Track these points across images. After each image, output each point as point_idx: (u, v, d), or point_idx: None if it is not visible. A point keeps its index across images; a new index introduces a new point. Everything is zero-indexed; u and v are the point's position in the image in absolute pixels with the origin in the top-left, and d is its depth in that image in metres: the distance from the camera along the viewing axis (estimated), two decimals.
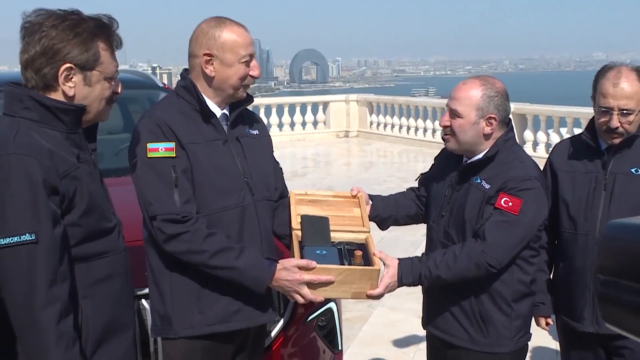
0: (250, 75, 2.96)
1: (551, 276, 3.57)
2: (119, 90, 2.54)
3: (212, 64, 2.91)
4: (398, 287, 3.00)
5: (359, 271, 2.85)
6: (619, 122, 3.09)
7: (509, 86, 3.18)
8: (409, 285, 3.00)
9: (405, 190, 3.55)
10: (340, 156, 17.13)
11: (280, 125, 19.67)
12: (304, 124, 20.10)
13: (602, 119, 3.15)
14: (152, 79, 6.17)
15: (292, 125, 19.90)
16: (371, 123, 20.07)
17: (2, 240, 2.15)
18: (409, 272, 2.96)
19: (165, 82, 2.68)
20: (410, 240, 7.30)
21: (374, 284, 2.87)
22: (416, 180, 3.52)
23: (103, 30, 2.41)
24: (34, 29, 2.31)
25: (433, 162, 3.43)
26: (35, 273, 2.16)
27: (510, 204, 2.91)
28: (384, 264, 2.96)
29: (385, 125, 19.60)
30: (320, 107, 20.48)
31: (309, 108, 20.39)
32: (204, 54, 2.90)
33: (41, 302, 2.16)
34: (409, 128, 18.70)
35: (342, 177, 13.87)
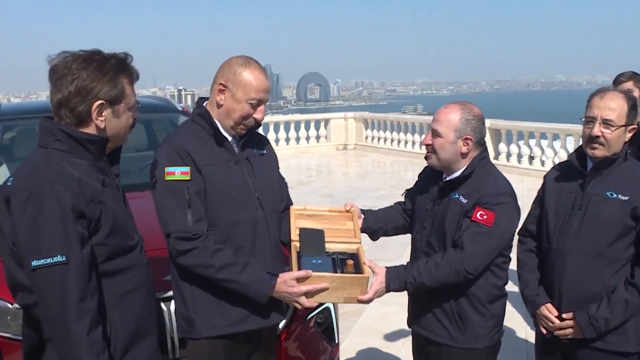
0: (254, 118, 2.92)
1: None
2: (138, 117, 2.50)
3: (224, 93, 2.89)
4: (386, 292, 2.97)
5: (350, 279, 2.81)
6: (600, 131, 2.97)
7: (485, 103, 3.13)
8: (395, 291, 2.97)
9: (393, 204, 3.52)
10: (339, 167, 17.03)
11: (288, 140, 19.62)
12: (308, 138, 20.04)
13: (586, 129, 3.04)
14: (172, 103, 6.19)
15: (298, 139, 19.84)
16: (367, 137, 20.01)
17: (37, 261, 2.12)
18: (395, 279, 2.94)
19: (190, 102, 2.65)
20: (400, 241, 7.23)
21: (364, 290, 2.83)
22: (402, 195, 3.48)
23: (125, 66, 2.38)
24: (64, 72, 2.27)
25: (417, 178, 3.38)
26: (67, 290, 2.13)
27: (485, 216, 2.89)
28: (373, 272, 2.93)
29: (379, 139, 19.53)
30: (322, 124, 20.43)
31: (312, 124, 20.35)
32: (220, 83, 2.89)
33: (73, 315, 2.13)
34: (399, 141, 18.64)
35: (341, 185, 13.81)
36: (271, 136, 19.14)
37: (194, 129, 2.96)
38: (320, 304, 3.83)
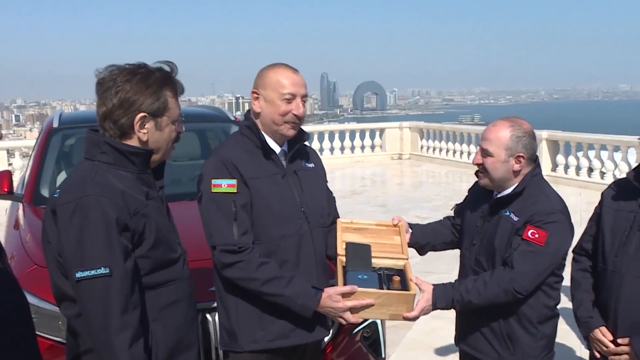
0: (293, 114, 2.87)
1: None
2: (182, 130, 2.51)
3: (259, 100, 2.90)
4: (432, 310, 2.90)
5: (396, 295, 2.76)
6: None
7: (544, 114, 3.02)
8: (442, 309, 2.90)
9: (442, 219, 3.46)
10: (394, 176, 16.91)
11: (342, 149, 19.63)
12: (362, 147, 20.00)
13: None
14: (224, 113, 6.24)
15: (353, 148, 19.81)
16: (422, 147, 19.86)
17: (81, 273, 2.14)
18: (443, 297, 2.87)
19: (247, 108, 2.71)
20: (452, 254, 7.12)
21: (410, 307, 2.78)
22: (452, 210, 3.41)
23: (168, 79, 2.39)
24: (109, 85, 2.30)
25: (467, 194, 3.29)
26: (109, 302, 2.14)
27: (536, 235, 2.80)
28: (420, 289, 2.87)
29: (434, 149, 19.36)
30: (377, 133, 20.39)
31: (367, 133, 20.29)
32: (253, 92, 2.92)
33: (115, 328, 2.14)
34: (454, 152, 18.46)
35: (395, 195, 13.70)
36: (326, 145, 19.17)
37: (241, 141, 2.95)
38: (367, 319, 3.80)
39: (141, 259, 2.28)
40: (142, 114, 2.31)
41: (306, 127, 18.60)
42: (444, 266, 6.73)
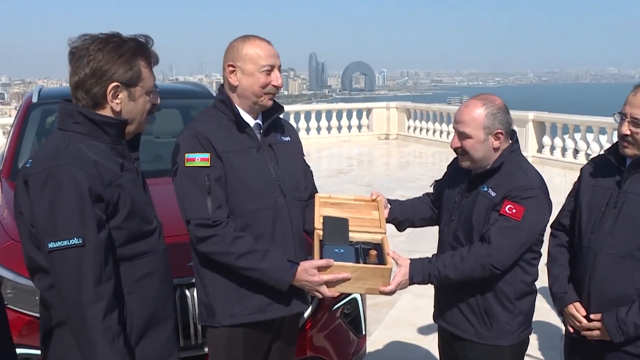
0: (272, 85, 2.86)
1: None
2: (158, 102, 2.47)
3: (235, 74, 2.86)
4: (409, 285, 2.89)
5: (372, 269, 2.75)
6: (629, 129, 2.82)
7: (532, 96, 3.01)
8: (419, 283, 2.88)
9: (421, 195, 3.44)
10: (380, 156, 16.93)
11: (329, 128, 19.61)
12: (350, 127, 20.01)
13: (618, 125, 2.90)
14: (207, 90, 6.21)
15: (340, 128, 19.82)
16: (408, 127, 19.88)
17: (53, 243, 2.10)
18: (420, 271, 2.86)
19: None
20: (435, 232, 7.12)
21: (386, 281, 2.76)
22: (431, 186, 3.39)
23: (142, 49, 2.35)
24: (82, 54, 2.25)
25: (446, 170, 3.28)
26: (82, 273, 2.10)
27: (513, 210, 2.79)
28: (397, 263, 2.86)
29: (421, 130, 19.38)
30: (365, 113, 20.35)
31: (354, 113, 20.26)
32: (229, 65, 2.86)
33: (88, 299, 2.11)
34: (441, 132, 18.48)
35: (381, 175, 13.73)
36: (313, 124, 19.16)
37: (215, 115, 2.92)
38: (348, 295, 3.79)
39: (115, 230, 2.24)
40: (114, 84, 2.26)
41: (294, 107, 18.51)
42: (428, 245, 6.74)
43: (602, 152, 3.17)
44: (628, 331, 2.85)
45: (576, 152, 14.08)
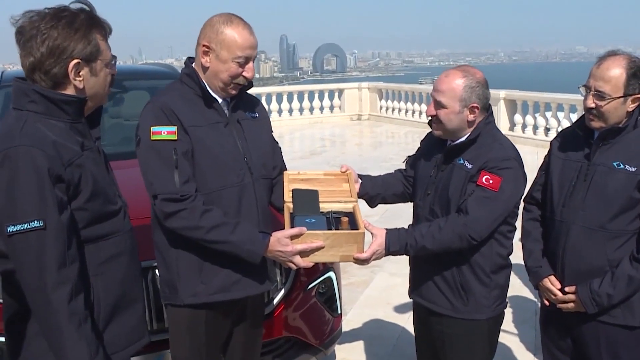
0: (243, 76, 2.78)
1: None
2: (115, 72, 2.37)
3: (209, 55, 2.75)
4: (385, 255, 2.84)
5: (345, 235, 2.71)
6: (594, 102, 2.81)
7: (503, 75, 2.98)
8: (395, 253, 2.84)
9: (394, 171, 3.39)
10: (353, 137, 16.89)
11: (302, 110, 19.54)
12: (322, 108, 19.91)
13: (584, 99, 2.89)
14: (176, 70, 6.11)
15: (312, 109, 19.72)
16: (381, 107, 19.86)
17: (12, 227, 2.02)
18: (396, 241, 2.81)
19: None
20: (411, 211, 7.12)
21: (360, 247, 2.72)
22: (404, 162, 3.36)
23: (94, 20, 2.23)
24: (32, 33, 2.13)
25: (419, 145, 3.24)
26: (44, 257, 2.03)
27: (490, 181, 2.76)
28: (372, 233, 2.81)
29: (393, 110, 19.37)
30: (336, 94, 20.30)
31: (326, 94, 20.16)
32: (203, 45, 2.75)
33: (52, 283, 2.03)
34: (414, 112, 18.47)
35: (355, 155, 13.70)
36: (285, 106, 19.06)
37: (181, 89, 2.83)
38: (322, 274, 3.77)
39: (78, 212, 2.16)
40: (75, 61, 2.16)
41: (265, 89, 18.28)
42: (402, 224, 6.72)
43: (570, 126, 3.17)
44: (601, 302, 2.88)
45: (547, 130, 14.17)
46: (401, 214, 7.85)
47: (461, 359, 3.00)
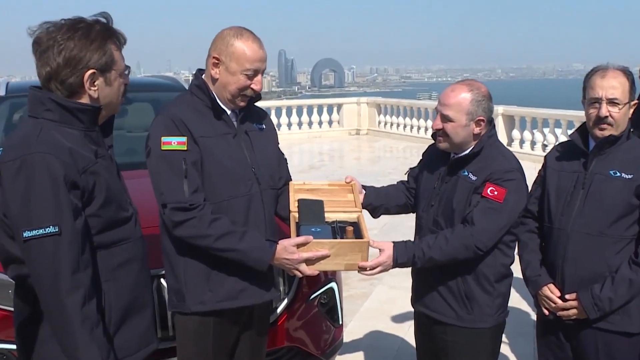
0: (251, 89, 2.85)
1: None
2: (128, 82, 2.43)
3: (219, 67, 2.83)
4: (393, 267, 2.90)
5: (350, 244, 2.77)
6: (608, 111, 2.89)
7: (500, 91, 3.06)
8: (402, 265, 2.90)
9: (396, 182, 3.46)
10: (351, 151, 16.96)
11: (300, 124, 19.61)
12: (320, 123, 19.98)
13: (592, 111, 2.96)
14: (180, 83, 6.18)
15: (310, 124, 19.80)
16: (379, 122, 19.94)
17: (28, 232, 2.06)
18: (404, 253, 2.87)
19: None
20: (410, 224, 7.14)
21: (365, 255, 2.78)
22: (405, 174, 3.43)
23: (110, 31, 2.30)
24: (49, 44, 2.19)
25: (421, 157, 3.32)
26: (59, 262, 2.07)
27: (495, 192, 2.84)
28: (380, 249, 2.87)
29: (391, 125, 19.46)
30: (335, 108, 20.38)
31: (325, 109, 20.25)
32: (214, 57, 2.83)
33: (66, 288, 2.07)
34: (412, 127, 18.57)
35: (353, 170, 13.72)
36: (284, 120, 19.11)
37: (191, 100, 2.90)
38: (324, 283, 3.81)
39: (92, 218, 2.21)
40: (91, 71, 2.22)
41: (264, 103, 18.32)
42: (402, 237, 6.77)
43: (565, 140, 3.26)
44: (603, 307, 2.94)
45: (545, 145, 14.24)
46: (400, 226, 7.94)
47: None
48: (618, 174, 2.93)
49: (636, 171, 2.91)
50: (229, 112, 2.91)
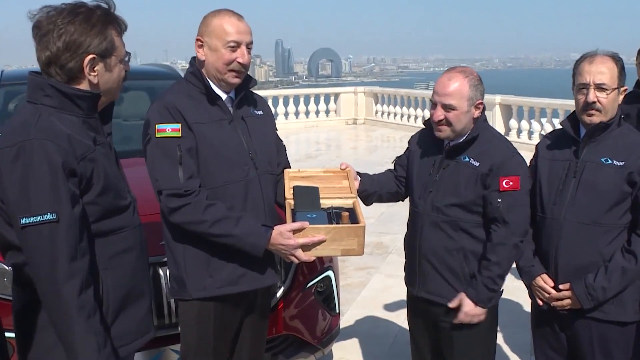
0: (238, 62, 2.85)
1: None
2: (129, 69, 2.43)
3: (203, 48, 2.87)
4: (485, 308, 2.99)
5: (346, 229, 2.78)
6: (596, 96, 2.89)
7: (498, 81, 3.09)
8: (487, 301, 2.98)
9: (384, 171, 3.47)
10: (348, 141, 16.97)
11: (297, 114, 19.59)
12: (317, 112, 19.99)
13: (580, 96, 2.96)
14: (176, 71, 6.16)
15: (307, 113, 19.80)
16: (376, 112, 19.94)
17: (26, 219, 2.05)
18: (475, 295, 2.96)
19: None
20: (404, 214, 7.16)
21: (361, 240, 2.79)
22: (392, 163, 3.45)
23: (111, 17, 2.29)
24: (49, 28, 2.18)
25: (407, 146, 3.34)
26: (56, 249, 2.06)
27: (511, 183, 2.90)
28: (460, 303, 2.99)
29: (388, 114, 19.47)
30: (332, 98, 20.35)
31: (322, 98, 20.25)
32: (197, 39, 2.88)
33: (63, 276, 2.07)
34: (409, 116, 18.59)
35: (350, 159, 13.66)
36: (280, 110, 19.09)
37: (186, 88, 2.92)
38: (320, 272, 3.82)
39: (90, 206, 2.20)
40: (90, 56, 2.21)
41: (261, 93, 18.37)
42: (399, 227, 6.79)
43: (557, 128, 3.26)
44: (597, 296, 2.95)
45: (542, 135, 14.24)
46: (396, 215, 7.95)
47: (471, 347, 3.08)
48: (609, 161, 2.92)
49: (627, 158, 2.90)
50: (224, 97, 2.92)
